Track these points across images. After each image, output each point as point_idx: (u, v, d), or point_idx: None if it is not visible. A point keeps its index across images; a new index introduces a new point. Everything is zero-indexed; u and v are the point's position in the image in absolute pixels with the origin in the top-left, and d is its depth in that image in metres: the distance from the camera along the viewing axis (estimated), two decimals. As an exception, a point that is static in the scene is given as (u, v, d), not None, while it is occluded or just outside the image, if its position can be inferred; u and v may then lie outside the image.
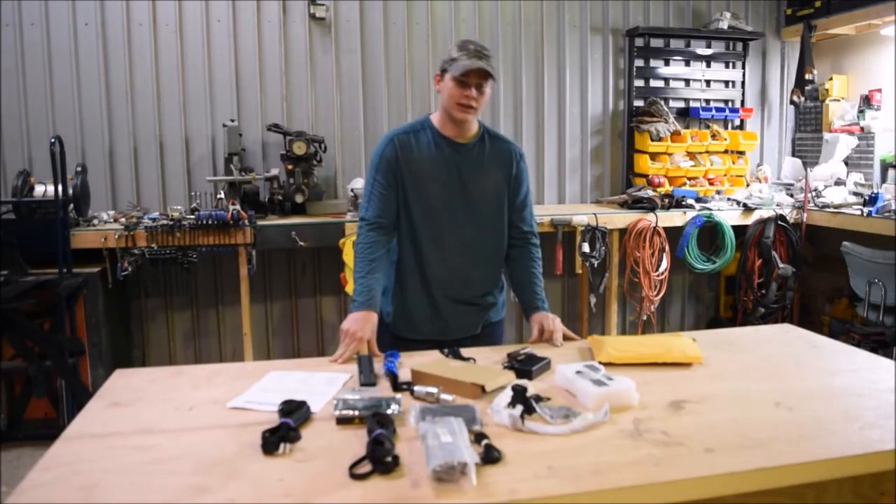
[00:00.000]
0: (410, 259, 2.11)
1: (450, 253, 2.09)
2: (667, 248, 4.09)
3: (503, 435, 1.34)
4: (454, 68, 1.96)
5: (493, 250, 2.17)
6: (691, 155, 4.47)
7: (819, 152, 4.58)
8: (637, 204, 4.14)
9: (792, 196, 4.38)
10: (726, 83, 4.73)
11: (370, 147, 4.16)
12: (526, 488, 1.14)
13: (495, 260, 2.19)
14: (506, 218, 2.16)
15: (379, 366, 1.76)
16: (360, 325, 1.92)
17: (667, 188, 4.31)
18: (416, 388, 1.56)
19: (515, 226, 2.19)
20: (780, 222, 4.19)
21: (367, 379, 1.66)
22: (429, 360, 1.74)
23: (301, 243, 3.57)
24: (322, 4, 4.02)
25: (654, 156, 4.38)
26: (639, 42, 4.49)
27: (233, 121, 3.81)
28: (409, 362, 1.75)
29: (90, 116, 3.82)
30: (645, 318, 4.26)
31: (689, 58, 4.61)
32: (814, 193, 4.29)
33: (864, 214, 3.75)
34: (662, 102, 4.46)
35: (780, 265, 4.17)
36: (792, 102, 4.61)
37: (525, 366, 1.72)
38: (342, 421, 1.41)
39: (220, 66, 3.95)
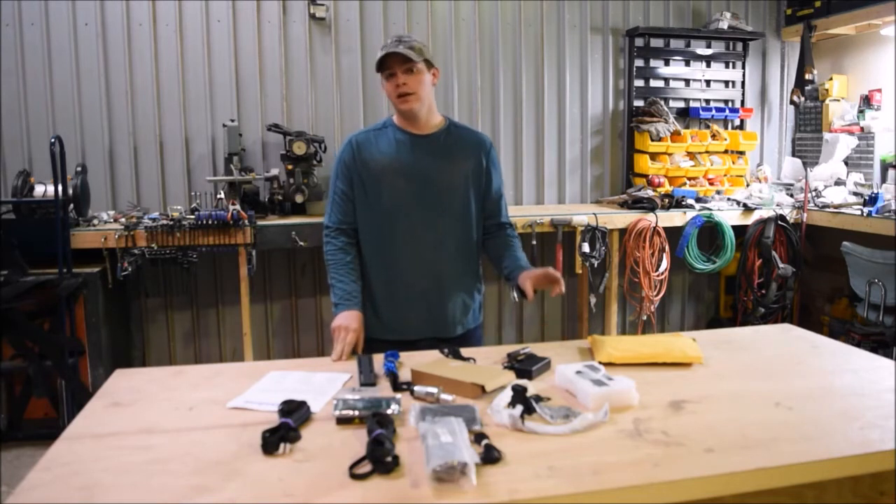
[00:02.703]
0: (377, 259, 2.10)
1: (421, 248, 2.08)
2: (667, 248, 4.09)
3: (503, 435, 1.34)
4: (377, 66, 2.00)
5: (466, 244, 2.15)
6: (691, 155, 4.47)
7: (819, 152, 4.58)
8: (637, 204, 4.13)
9: (792, 196, 4.38)
10: (726, 83, 4.73)
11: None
12: (526, 488, 1.14)
13: (469, 252, 2.17)
14: (476, 208, 2.14)
15: (379, 366, 1.76)
16: (350, 320, 1.93)
17: (667, 188, 4.31)
18: (416, 388, 1.56)
19: (491, 218, 2.18)
20: (780, 222, 4.19)
21: (367, 379, 1.66)
22: (429, 360, 1.74)
23: (301, 243, 3.57)
24: (322, 4, 4.02)
25: (654, 156, 4.38)
26: (639, 42, 4.49)
27: (233, 121, 3.81)
28: (409, 362, 1.75)
29: (90, 116, 3.82)
30: (645, 318, 4.26)
31: (689, 58, 4.61)
32: (814, 193, 4.29)
33: (864, 214, 3.75)
34: (662, 102, 4.46)
35: (780, 265, 4.17)
36: (792, 102, 4.61)
37: (525, 366, 1.72)
38: (342, 421, 1.41)
39: (220, 66, 3.95)
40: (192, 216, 3.43)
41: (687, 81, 4.62)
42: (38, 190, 3.34)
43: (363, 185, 2.08)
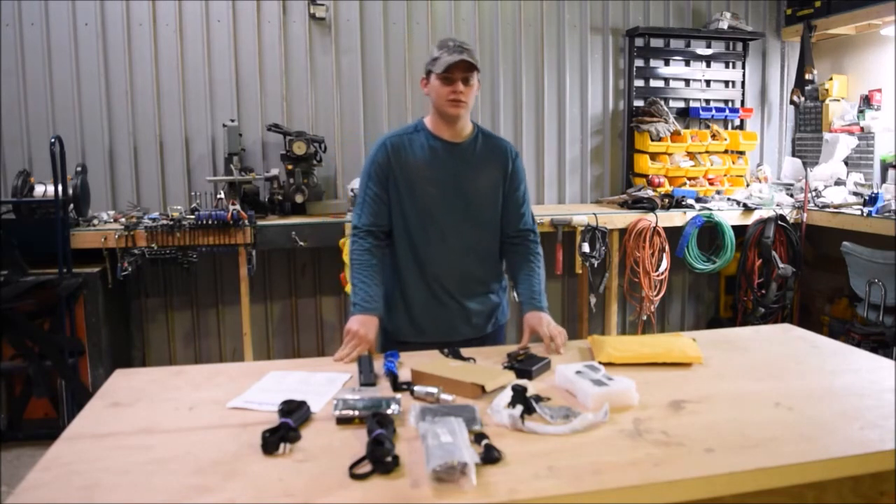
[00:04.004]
0: (410, 262, 2.11)
1: (451, 253, 2.09)
2: (667, 248, 4.09)
3: (503, 435, 1.34)
4: (438, 66, 1.98)
5: (492, 248, 2.18)
6: (691, 155, 4.47)
7: (819, 152, 4.58)
8: (637, 204, 4.13)
9: (792, 196, 4.38)
10: (726, 83, 4.73)
11: (370, 147, 4.14)
12: (526, 488, 1.14)
13: (494, 257, 2.19)
14: (500, 215, 2.16)
15: (379, 366, 1.76)
16: (367, 327, 1.93)
17: (667, 188, 4.31)
18: (416, 388, 1.56)
19: (512, 225, 2.18)
20: (780, 222, 4.19)
21: (367, 379, 1.66)
22: (429, 360, 1.74)
23: (301, 243, 3.56)
24: (322, 4, 4.02)
25: (654, 156, 4.38)
26: (639, 42, 4.49)
27: (233, 121, 3.81)
28: (409, 362, 1.75)
29: (90, 116, 3.82)
30: (645, 318, 4.26)
31: (689, 58, 4.61)
32: (814, 193, 4.29)
33: (864, 214, 3.75)
34: (662, 102, 4.46)
35: (780, 265, 4.17)
36: (792, 102, 4.61)
37: (525, 366, 1.72)
38: (342, 421, 1.41)
39: (220, 66, 3.95)
40: (192, 216, 3.42)
41: (687, 81, 4.62)
42: (38, 190, 3.34)
43: (397, 189, 2.08)
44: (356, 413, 1.41)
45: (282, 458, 1.26)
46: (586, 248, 3.91)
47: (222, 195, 3.62)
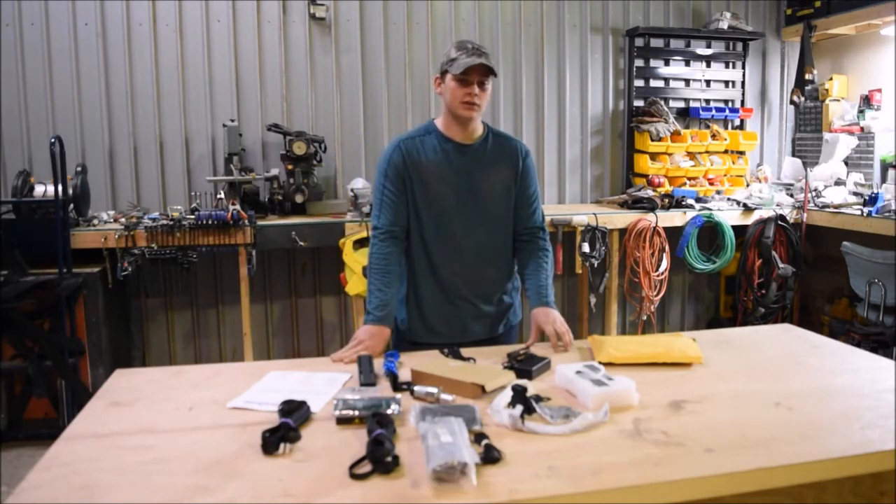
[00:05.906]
0: (424, 263, 2.11)
1: (464, 254, 2.10)
2: (667, 248, 4.09)
3: (503, 435, 1.34)
4: (455, 67, 1.97)
5: (504, 248, 2.18)
6: (691, 155, 4.47)
7: (819, 152, 4.58)
8: (637, 204, 4.13)
9: (792, 196, 4.38)
10: (726, 83, 4.73)
11: (370, 147, 4.16)
12: (526, 488, 1.14)
13: (507, 258, 2.20)
14: (513, 215, 2.17)
15: (379, 366, 1.76)
16: (375, 339, 1.93)
17: (667, 188, 4.31)
18: (416, 388, 1.56)
19: (524, 223, 2.19)
20: (780, 222, 4.19)
21: (367, 379, 1.66)
22: (429, 360, 1.74)
23: (301, 243, 3.57)
24: (322, 4, 4.02)
25: (654, 156, 4.38)
26: (639, 42, 4.49)
27: (233, 121, 3.81)
28: (410, 362, 1.75)
29: (90, 116, 3.82)
30: (645, 318, 4.26)
31: (689, 58, 4.61)
32: (814, 193, 4.29)
33: (864, 214, 3.75)
34: (662, 102, 4.46)
35: (780, 265, 4.17)
36: (792, 102, 4.61)
37: (525, 366, 1.72)
38: (342, 421, 1.41)
39: (220, 66, 3.95)
40: (192, 216, 3.42)
41: (687, 81, 4.62)
42: (38, 190, 3.34)
43: (412, 190, 2.08)
44: (356, 413, 1.41)
45: (282, 458, 1.26)
46: (586, 248, 3.91)
47: (222, 195, 3.62)
